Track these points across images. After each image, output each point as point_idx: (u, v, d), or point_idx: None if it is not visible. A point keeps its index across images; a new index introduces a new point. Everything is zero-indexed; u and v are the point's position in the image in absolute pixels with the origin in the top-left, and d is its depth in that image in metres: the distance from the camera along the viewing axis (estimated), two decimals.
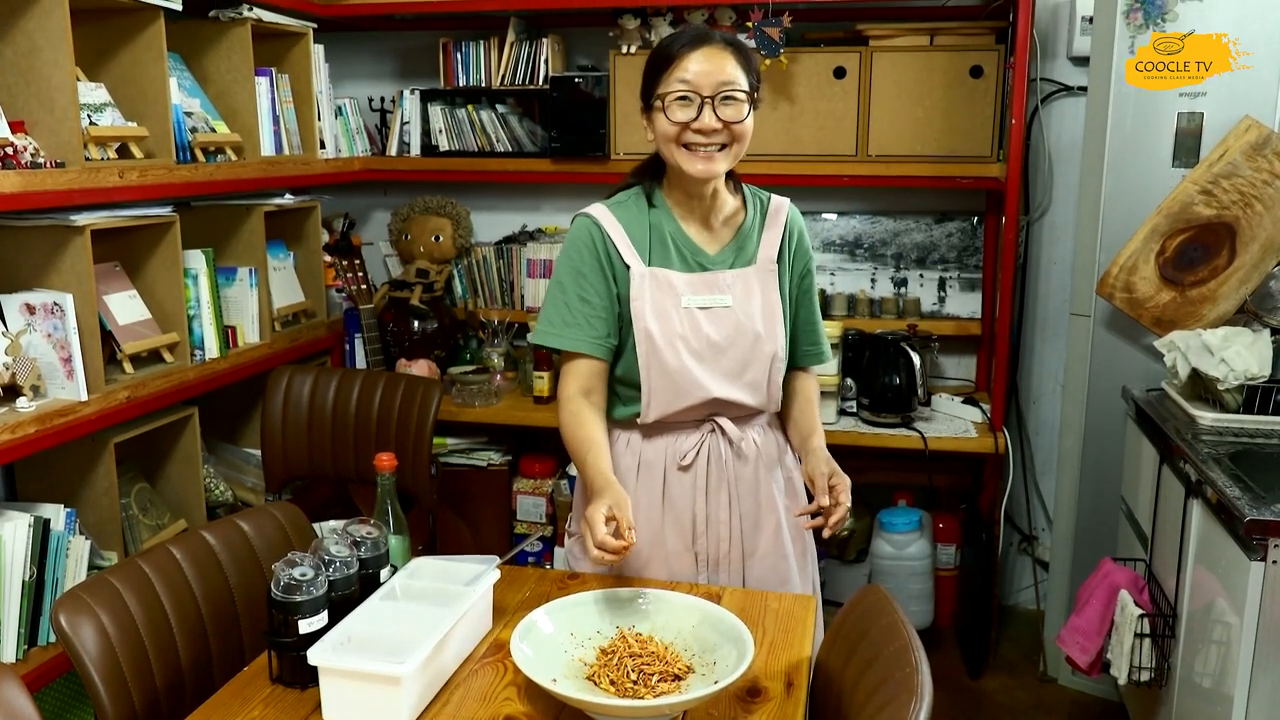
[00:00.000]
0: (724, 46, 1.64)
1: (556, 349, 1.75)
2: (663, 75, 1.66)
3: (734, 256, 1.75)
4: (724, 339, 1.71)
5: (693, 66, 1.62)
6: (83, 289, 2.12)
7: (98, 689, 1.36)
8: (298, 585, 1.39)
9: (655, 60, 1.67)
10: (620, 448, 1.77)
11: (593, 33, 3.23)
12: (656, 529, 1.74)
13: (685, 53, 1.63)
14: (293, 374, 2.66)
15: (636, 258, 1.71)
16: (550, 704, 1.34)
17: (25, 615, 2.05)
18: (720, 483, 1.75)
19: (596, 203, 1.77)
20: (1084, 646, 2.39)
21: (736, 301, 1.72)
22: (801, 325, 1.83)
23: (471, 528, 3.18)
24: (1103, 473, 2.75)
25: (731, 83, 1.62)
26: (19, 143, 1.99)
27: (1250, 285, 2.46)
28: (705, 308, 1.71)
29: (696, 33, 1.65)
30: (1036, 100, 3.04)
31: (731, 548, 1.76)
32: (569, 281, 1.71)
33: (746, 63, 1.65)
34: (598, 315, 1.70)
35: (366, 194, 3.58)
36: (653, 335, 1.68)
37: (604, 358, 1.72)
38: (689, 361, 1.69)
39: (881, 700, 1.18)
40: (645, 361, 1.69)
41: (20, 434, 1.99)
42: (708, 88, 1.61)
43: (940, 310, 3.18)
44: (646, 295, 1.70)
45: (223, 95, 2.67)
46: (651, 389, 1.70)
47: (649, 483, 1.74)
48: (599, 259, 1.70)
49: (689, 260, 1.73)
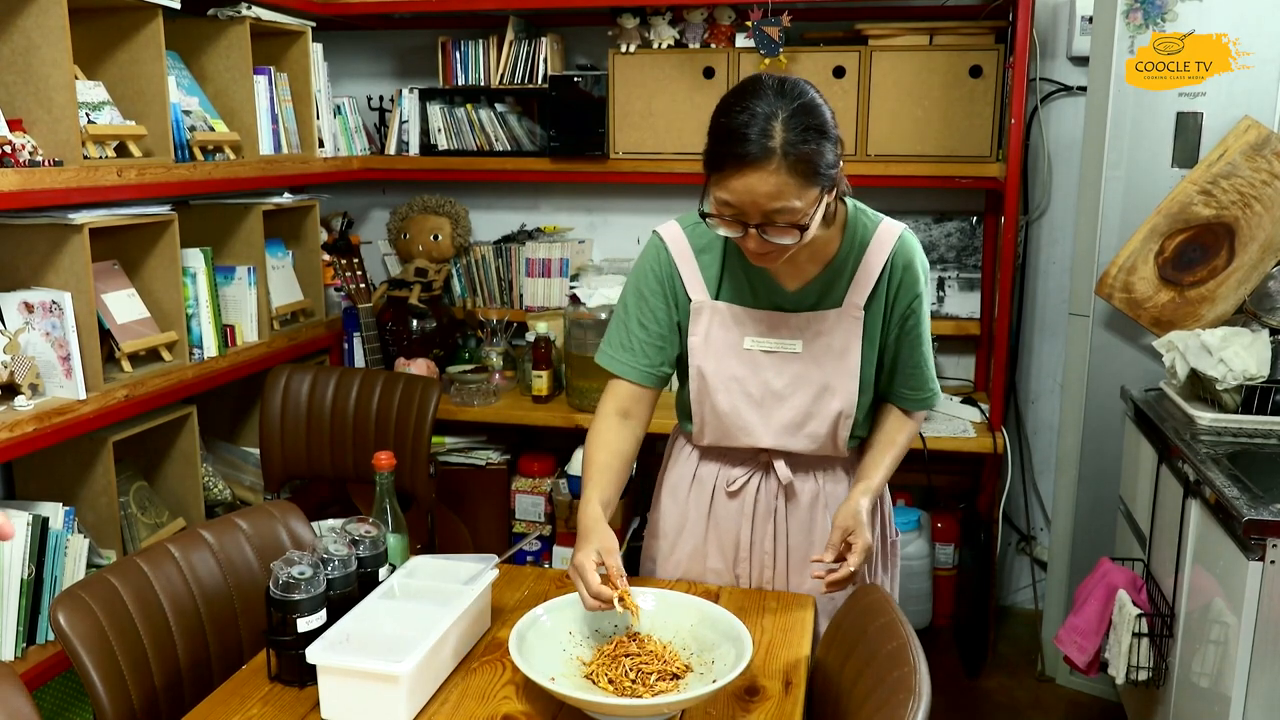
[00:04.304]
0: (778, 167, 1.34)
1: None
2: (711, 174, 1.42)
3: (817, 297, 1.58)
4: (786, 387, 1.59)
5: (736, 190, 1.37)
6: (81, 288, 2.12)
7: (96, 687, 1.36)
8: (296, 584, 1.39)
9: (709, 144, 1.41)
10: (681, 455, 1.75)
11: (592, 32, 3.23)
12: (699, 544, 1.72)
13: (730, 171, 1.37)
14: (291, 373, 2.66)
15: (702, 287, 1.59)
16: (548, 703, 1.34)
17: (24, 614, 2.05)
18: (768, 514, 1.69)
19: (674, 219, 1.64)
20: (1082, 646, 2.39)
21: (807, 348, 1.58)
22: (901, 367, 1.64)
23: (470, 527, 3.18)
24: (1101, 473, 2.75)
25: (778, 212, 1.37)
26: (17, 141, 1.98)
27: (1249, 286, 2.46)
28: (770, 351, 1.59)
29: (746, 139, 1.34)
30: (1036, 100, 3.04)
31: (775, 577, 1.71)
32: (632, 304, 1.64)
33: (811, 171, 1.36)
34: (653, 343, 1.62)
35: (365, 193, 3.58)
36: (705, 375, 1.61)
37: (651, 386, 1.64)
38: (743, 407, 1.61)
39: (880, 699, 1.18)
40: (697, 397, 1.63)
41: (19, 433, 1.99)
42: (754, 214, 1.39)
43: (939, 310, 3.18)
44: (704, 331, 1.60)
45: (221, 94, 2.67)
46: (704, 422, 1.65)
47: (699, 497, 1.72)
48: (662, 283, 1.61)
49: (762, 297, 1.59)
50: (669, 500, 1.76)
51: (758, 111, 1.36)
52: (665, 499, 1.76)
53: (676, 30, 3.02)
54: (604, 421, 1.63)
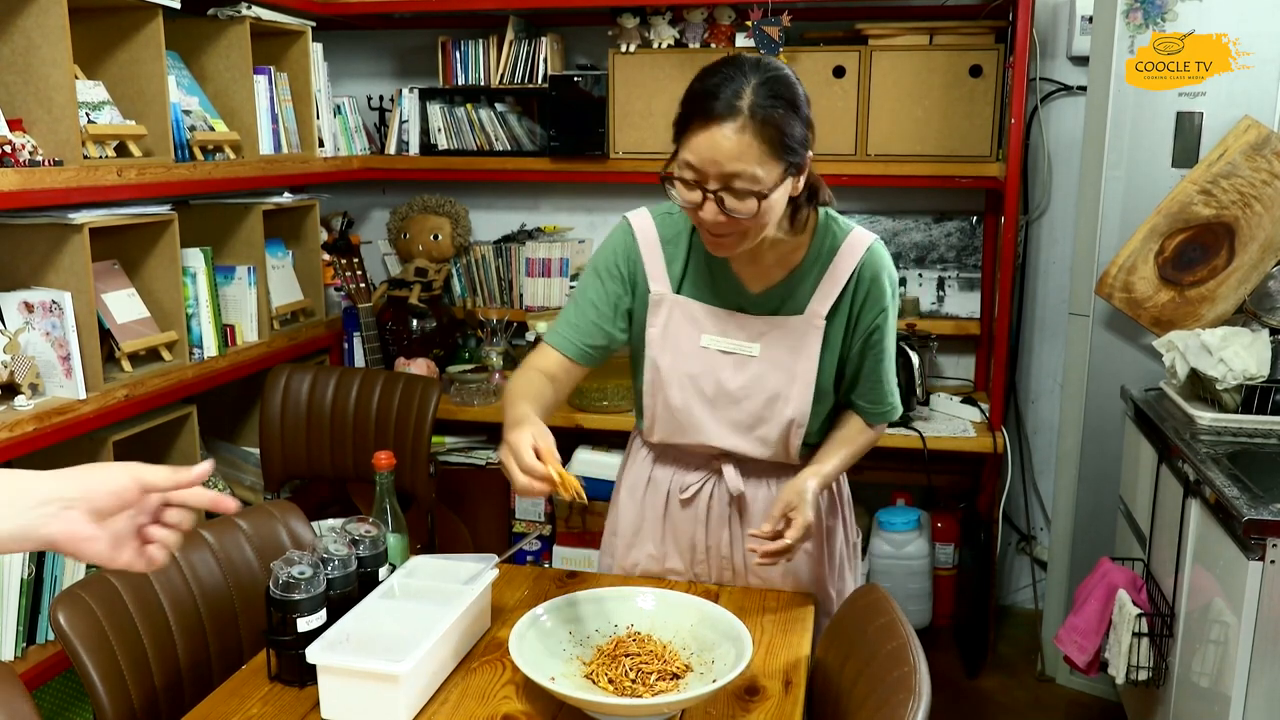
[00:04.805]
0: (743, 126, 1.32)
1: None
2: (678, 138, 1.39)
3: (779, 302, 1.55)
4: (740, 389, 1.56)
5: (699, 147, 1.35)
6: (81, 287, 2.12)
7: (96, 687, 1.36)
8: (296, 583, 1.39)
9: (680, 107, 1.39)
10: (638, 457, 1.73)
11: (592, 31, 3.23)
12: (658, 545, 1.72)
13: (696, 127, 1.35)
14: (291, 373, 2.66)
15: (664, 279, 1.57)
16: (548, 703, 1.34)
17: (24, 613, 2.05)
18: (722, 520, 1.67)
19: (646, 207, 1.62)
20: (1082, 646, 2.39)
21: (764, 352, 1.55)
22: (862, 380, 1.60)
23: (470, 526, 3.18)
24: (1101, 472, 2.75)
25: (738, 175, 1.34)
26: (17, 141, 1.98)
27: (1249, 285, 2.46)
28: (727, 352, 1.56)
29: (715, 98, 1.34)
30: (1036, 100, 3.04)
31: (735, 578, 1.70)
32: (589, 283, 1.61)
33: (776, 139, 1.34)
34: (598, 324, 1.59)
35: (365, 193, 3.58)
36: (660, 369, 1.58)
37: (578, 360, 1.59)
38: (695, 404, 1.58)
39: (879, 699, 1.18)
40: (650, 390, 1.60)
41: (18, 432, 1.99)
42: (713, 177, 1.35)
43: (939, 310, 3.18)
44: (662, 324, 1.57)
45: (221, 94, 2.67)
46: (655, 416, 1.62)
47: (654, 500, 1.70)
48: (623, 269, 1.59)
49: (724, 295, 1.56)
50: (627, 498, 1.75)
51: (731, 76, 1.35)
52: (624, 497, 1.75)
53: (676, 30, 3.02)
54: (530, 373, 1.57)
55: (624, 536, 1.75)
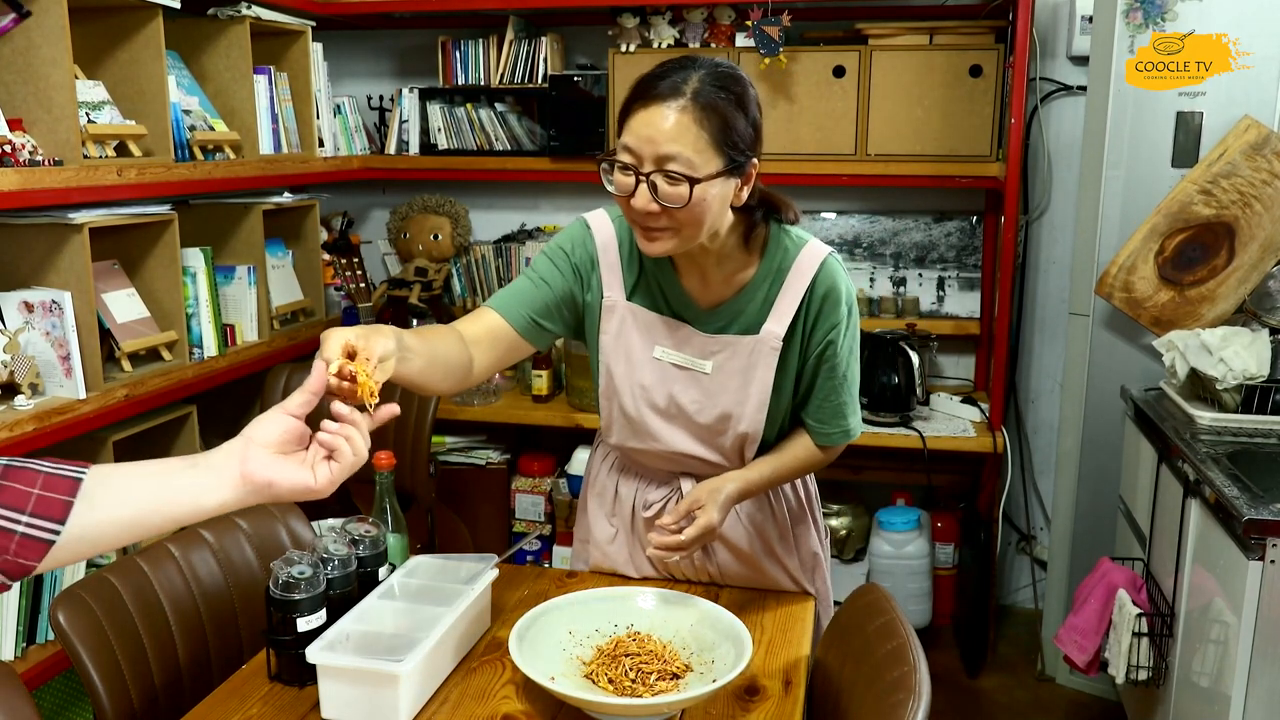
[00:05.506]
0: (684, 108, 1.29)
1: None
2: (620, 123, 1.35)
3: (729, 319, 1.50)
4: (693, 404, 1.53)
5: (637, 127, 1.31)
6: (81, 287, 2.12)
7: (96, 687, 1.36)
8: (296, 583, 1.39)
9: (627, 94, 1.36)
10: (604, 467, 1.71)
11: (592, 31, 3.23)
12: (631, 554, 1.71)
13: (637, 108, 1.32)
14: (291, 372, 2.66)
15: (619, 285, 1.53)
16: (548, 702, 1.34)
17: (24, 613, 2.05)
18: None
19: (604, 209, 1.58)
20: (1082, 645, 2.39)
21: (717, 370, 1.51)
22: (813, 397, 1.54)
23: (470, 526, 3.18)
24: (1101, 472, 2.75)
25: (673, 157, 1.29)
26: (17, 140, 1.98)
27: (1249, 285, 2.46)
28: (680, 366, 1.52)
29: (661, 80, 1.31)
30: (1036, 100, 3.04)
31: (710, 581, 1.70)
32: (541, 264, 1.55)
33: (717, 127, 1.30)
34: (542, 299, 1.51)
35: (365, 192, 3.58)
36: (614, 377, 1.56)
37: (516, 326, 1.49)
38: (648, 414, 1.55)
39: (879, 699, 1.18)
40: (605, 394, 1.58)
41: (18, 432, 1.99)
42: (648, 159, 1.30)
43: (939, 310, 3.18)
44: (615, 331, 1.54)
45: (221, 93, 2.67)
46: (612, 419, 1.60)
47: (622, 511, 1.70)
48: (574, 269, 1.54)
49: (674, 308, 1.52)
50: (595, 505, 1.74)
51: (682, 65, 1.34)
52: (592, 503, 1.74)
53: (676, 30, 3.02)
54: (453, 333, 1.44)
55: (599, 546, 1.74)
